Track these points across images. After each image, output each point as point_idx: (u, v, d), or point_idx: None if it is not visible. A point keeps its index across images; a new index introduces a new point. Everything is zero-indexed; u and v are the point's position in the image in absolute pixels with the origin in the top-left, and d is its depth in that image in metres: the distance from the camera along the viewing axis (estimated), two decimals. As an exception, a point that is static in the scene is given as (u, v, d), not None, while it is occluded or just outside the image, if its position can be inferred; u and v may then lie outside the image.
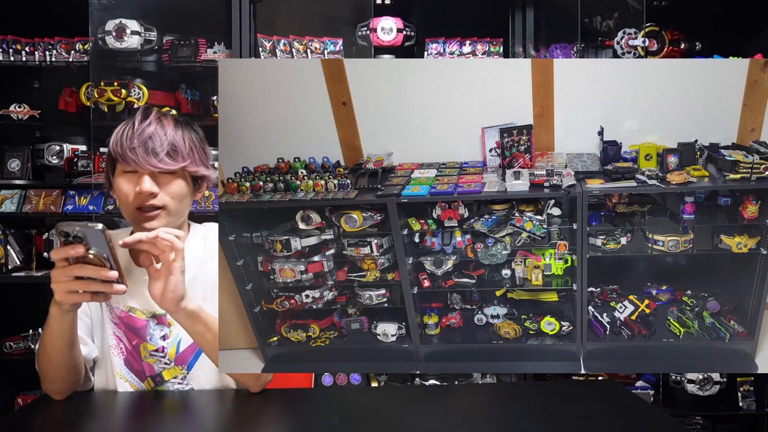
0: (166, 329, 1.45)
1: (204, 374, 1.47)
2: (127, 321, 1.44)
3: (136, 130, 1.32)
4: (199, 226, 1.57)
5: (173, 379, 1.45)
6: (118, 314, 1.45)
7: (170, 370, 1.45)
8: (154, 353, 1.45)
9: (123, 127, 1.35)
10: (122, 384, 1.44)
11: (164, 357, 1.45)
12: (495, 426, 1.25)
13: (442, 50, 2.83)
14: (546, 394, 1.45)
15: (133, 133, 1.32)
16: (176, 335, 1.45)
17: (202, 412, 1.37)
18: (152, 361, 1.45)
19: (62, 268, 1.14)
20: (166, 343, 1.45)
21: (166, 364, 1.45)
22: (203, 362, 1.46)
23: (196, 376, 1.47)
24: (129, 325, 1.45)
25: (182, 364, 1.46)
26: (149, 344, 1.44)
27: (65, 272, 1.14)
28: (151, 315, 1.45)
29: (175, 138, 1.36)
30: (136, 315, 1.44)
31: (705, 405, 2.79)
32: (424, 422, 1.24)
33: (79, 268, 1.13)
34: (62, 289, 1.16)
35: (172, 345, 1.45)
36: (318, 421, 1.27)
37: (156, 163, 1.31)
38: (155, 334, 1.45)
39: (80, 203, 2.84)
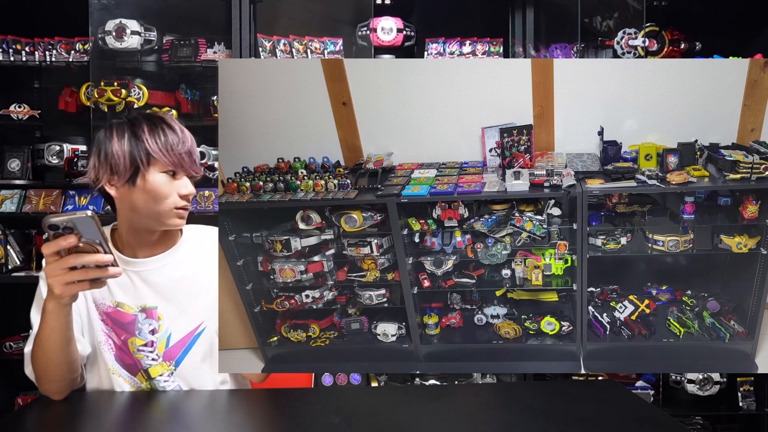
0: (155, 323, 1.45)
1: (191, 371, 1.47)
2: (114, 316, 1.44)
3: (179, 138, 1.39)
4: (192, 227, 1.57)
5: (159, 376, 1.45)
6: (105, 310, 1.44)
7: (157, 366, 1.45)
8: (142, 348, 1.44)
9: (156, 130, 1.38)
10: (116, 379, 1.45)
11: (153, 352, 1.45)
12: (495, 426, 1.25)
13: (442, 50, 2.83)
14: (546, 394, 1.45)
15: (177, 139, 1.38)
16: (166, 329, 1.45)
17: (201, 412, 1.37)
18: (140, 357, 1.44)
19: (55, 261, 1.15)
20: (155, 337, 1.45)
21: (154, 360, 1.45)
22: (191, 358, 1.46)
23: (183, 373, 1.46)
24: (116, 321, 1.44)
25: (170, 359, 1.45)
26: (138, 339, 1.44)
27: (59, 265, 1.15)
28: (139, 309, 1.45)
29: (195, 146, 1.45)
30: (123, 310, 1.44)
31: (705, 405, 2.79)
32: (424, 422, 1.24)
33: (74, 258, 1.15)
34: (60, 282, 1.17)
35: (161, 339, 1.45)
36: (318, 421, 1.26)
37: (197, 169, 1.42)
38: (144, 328, 1.44)
39: (80, 203, 2.83)
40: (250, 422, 1.32)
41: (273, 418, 1.35)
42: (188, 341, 1.46)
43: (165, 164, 1.37)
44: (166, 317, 1.45)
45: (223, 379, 1.55)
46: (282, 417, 1.34)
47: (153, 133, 1.37)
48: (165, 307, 1.45)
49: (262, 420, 1.34)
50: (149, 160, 1.36)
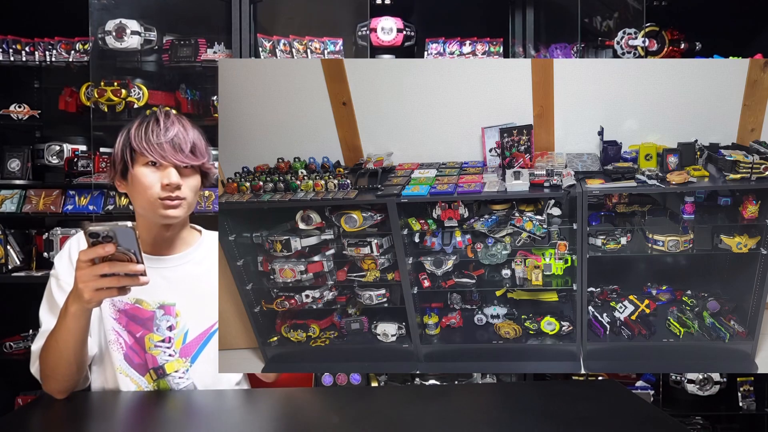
0: (173, 320, 1.47)
1: (206, 368, 1.48)
2: (132, 313, 1.47)
3: (162, 127, 1.41)
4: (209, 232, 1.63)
5: (174, 372, 1.46)
6: (122, 307, 1.46)
7: (173, 362, 1.46)
8: (159, 344, 1.46)
9: (143, 124, 1.42)
10: (123, 379, 1.45)
11: (170, 347, 1.47)
12: (495, 426, 1.25)
13: (442, 50, 2.83)
14: (546, 394, 1.45)
15: (159, 130, 1.41)
16: (183, 326, 1.48)
17: (202, 411, 1.37)
18: (156, 353, 1.46)
19: (88, 267, 1.18)
20: (172, 333, 1.47)
21: (171, 355, 1.46)
22: (206, 355, 1.48)
23: (197, 370, 1.48)
24: (134, 317, 1.47)
25: (187, 355, 1.47)
26: (155, 335, 1.46)
27: (92, 271, 1.18)
28: (158, 305, 1.47)
29: (195, 137, 1.46)
30: (142, 306, 1.47)
31: (705, 405, 2.79)
32: (424, 422, 1.24)
33: (108, 266, 1.18)
34: (90, 288, 1.20)
35: (179, 335, 1.47)
36: (318, 421, 1.27)
37: (183, 158, 1.41)
38: (162, 324, 1.47)
39: (80, 203, 2.83)
40: (251, 422, 1.32)
41: (273, 418, 1.35)
42: (204, 338, 1.49)
43: (145, 155, 1.40)
44: (184, 314, 1.48)
45: (238, 380, 1.58)
46: (282, 417, 1.35)
47: (139, 127, 1.42)
48: (183, 304, 1.48)
49: (262, 420, 1.34)
50: (132, 154, 1.41)
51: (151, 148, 1.39)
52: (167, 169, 1.41)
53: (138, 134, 1.41)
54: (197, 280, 1.51)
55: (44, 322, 1.43)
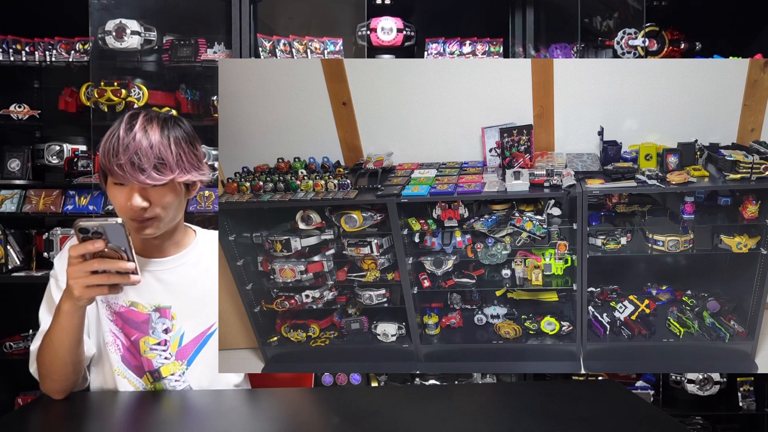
0: (168, 322, 1.45)
1: (202, 371, 1.47)
2: (127, 316, 1.45)
3: (122, 142, 1.27)
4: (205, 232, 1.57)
5: (170, 375, 1.45)
6: (117, 310, 1.45)
7: (169, 365, 1.45)
8: (155, 347, 1.44)
9: (109, 136, 1.31)
10: (120, 381, 1.44)
11: (166, 351, 1.45)
12: (495, 426, 1.25)
13: (442, 50, 2.83)
14: (546, 394, 1.45)
15: (119, 145, 1.27)
16: (179, 329, 1.46)
17: (201, 412, 1.37)
18: (152, 356, 1.44)
19: (79, 264, 1.18)
20: (168, 336, 1.45)
21: (167, 359, 1.45)
22: (203, 358, 1.47)
23: (194, 373, 1.46)
24: (129, 320, 1.44)
25: (183, 358, 1.46)
26: (151, 338, 1.44)
27: (82, 268, 1.18)
28: (153, 308, 1.45)
29: (161, 149, 1.29)
30: (137, 309, 1.45)
31: (705, 405, 2.79)
32: (424, 422, 1.24)
33: (98, 263, 1.17)
34: (80, 285, 1.19)
35: (174, 338, 1.45)
36: (318, 421, 1.27)
37: (144, 179, 1.27)
38: (158, 327, 1.45)
39: (80, 203, 2.83)
40: (251, 422, 1.32)
41: (273, 418, 1.35)
42: (200, 341, 1.47)
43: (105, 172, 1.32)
44: (180, 317, 1.46)
45: (237, 382, 1.56)
46: (282, 417, 1.35)
47: (107, 140, 1.30)
48: (178, 306, 1.46)
49: (262, 420, 1.34)
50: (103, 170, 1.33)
51: (112, 168, 1.27)
52: (131, 188, 1.30)
53: (104, 149, 1.30)
54: (193, 282, 1.48)
55: (43, 322, 1.42)
